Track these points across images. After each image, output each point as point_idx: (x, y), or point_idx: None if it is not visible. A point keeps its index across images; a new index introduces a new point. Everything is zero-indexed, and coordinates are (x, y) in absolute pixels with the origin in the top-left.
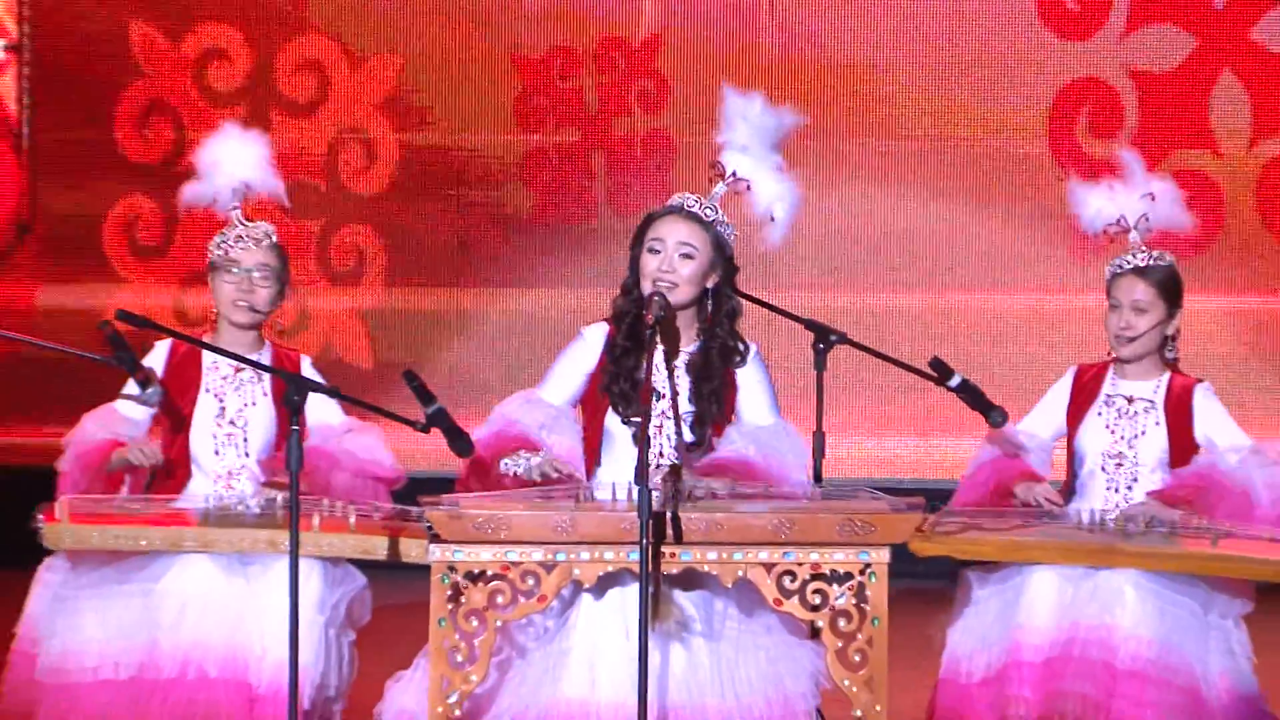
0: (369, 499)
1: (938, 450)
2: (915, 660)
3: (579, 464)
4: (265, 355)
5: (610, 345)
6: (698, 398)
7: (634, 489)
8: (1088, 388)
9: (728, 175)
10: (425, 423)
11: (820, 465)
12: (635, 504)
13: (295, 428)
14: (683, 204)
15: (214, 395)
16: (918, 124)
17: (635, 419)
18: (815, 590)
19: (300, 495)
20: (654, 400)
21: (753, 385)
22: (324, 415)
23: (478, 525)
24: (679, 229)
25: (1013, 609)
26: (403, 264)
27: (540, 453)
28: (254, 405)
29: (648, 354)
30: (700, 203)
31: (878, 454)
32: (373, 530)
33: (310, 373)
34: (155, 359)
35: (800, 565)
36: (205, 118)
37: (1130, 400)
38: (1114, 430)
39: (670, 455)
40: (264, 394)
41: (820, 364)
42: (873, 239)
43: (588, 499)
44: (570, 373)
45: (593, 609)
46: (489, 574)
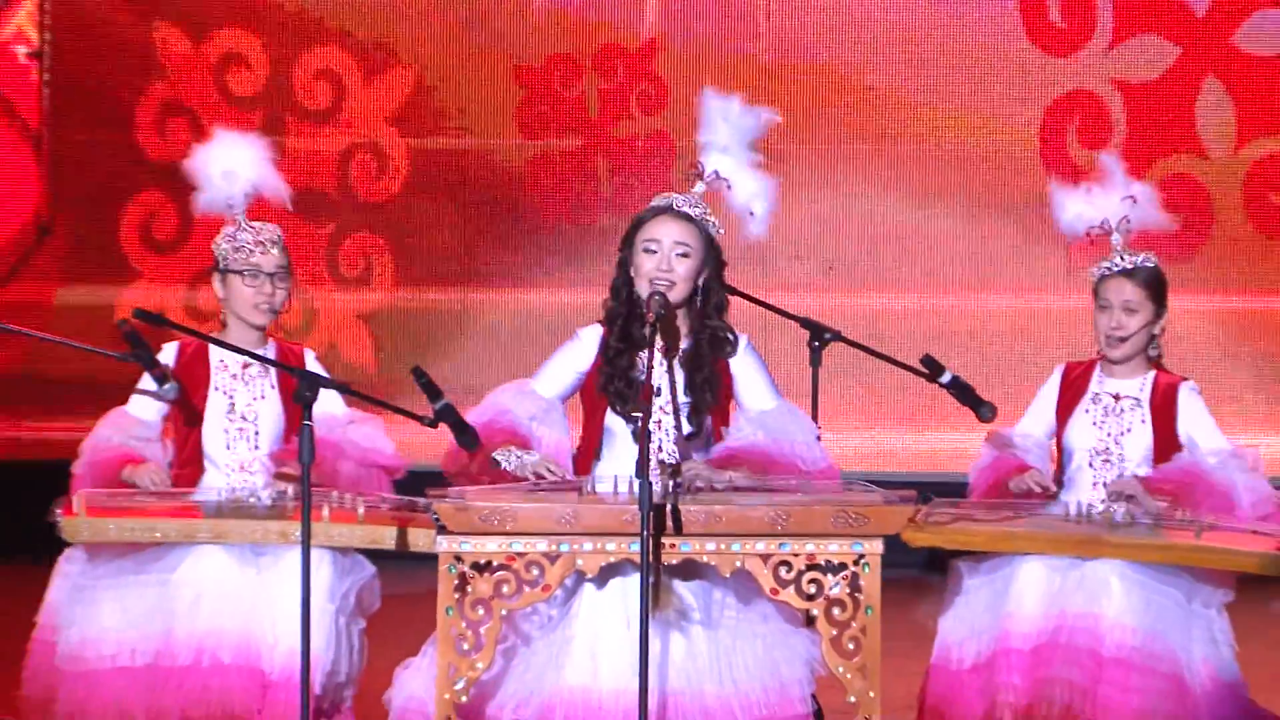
0: (373, 486)
1: (929, 444)
2: (908, 648)
3: (566, 459)
4: (270, 350)
5: (605, 347)
6: (691, 388)
7: (635, 482)
8: (1075, 385)
9: (708, 174)
10: (433, 418)
11: None
12: (636, 497)
13: (307, 423)
14: (672, 204)
15: (223, 392)
16: (911, 132)
17: (636, 414)
18: (810, 580)
19: (310, 486)
20: (653, 396)
21: (749, 373)
22: (328, 407)
23: (484, 517)
24: (674, 229)
25: (1002, 598)
26: (409, 270)
27: (532, 452)
28: (263, 399)
29: (648, 352)
30: (689, 201)
31: (871, 448)
32: (381, 521)
33: (314, 366)
34: (164, 359)
35: (796, 556)
36: (223, 120)
37: (1117, 398)
38: (1101, 427)
39: (670, 450)
40: (271, 387)
41: (816, 361)
42: (867, 241)
43: (590, 492)
44: (564, 369)
45: (595, 598)
46: (495, 564)
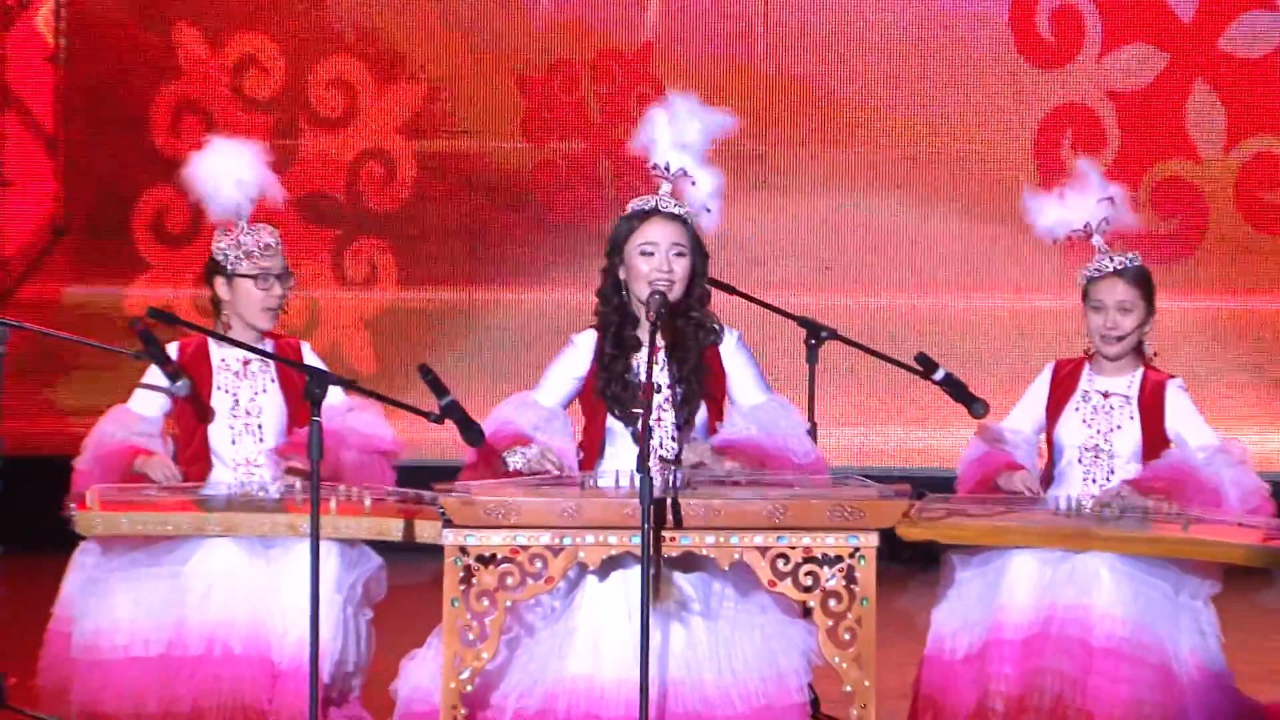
0: (374, 471)
1: (923, 440)
2: (899, 638)
3: (572, 463)
4: (268, 346)
5: (599, 353)
6: (680, 379)
7: (635, 477)
8: (1065, 382)
9: (674, 171)
10: (439, 414)
11: None
12: (637, 491)
13: (316, 419)
14: (658, 205)
15: (225, 391)
16: (906, 138)
17: (637, 409)
18: (807, 572)
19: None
20: (654, 393)
21: (739, 368)
22: (328, 397)
23: (488, 511)
24: (668, 230)
25: (994, 590)
26: (413, 276)
27: (534, 446)
28: (264, 393)
29: (648, 350)
30: (671, 202)
31: (866, 444)
32: (387, 513)
33: (312, 358)
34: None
35: (793, 549)
36: (237, 122)
37: (1106, 395)
38: (1090, 424)
39: (670, 446)
40: (272, 381)
41: (812, 359)
42: (862, 243)
43: (592, 486)
44: (562, 377)
45: (597, 590)
46: (499, 557)
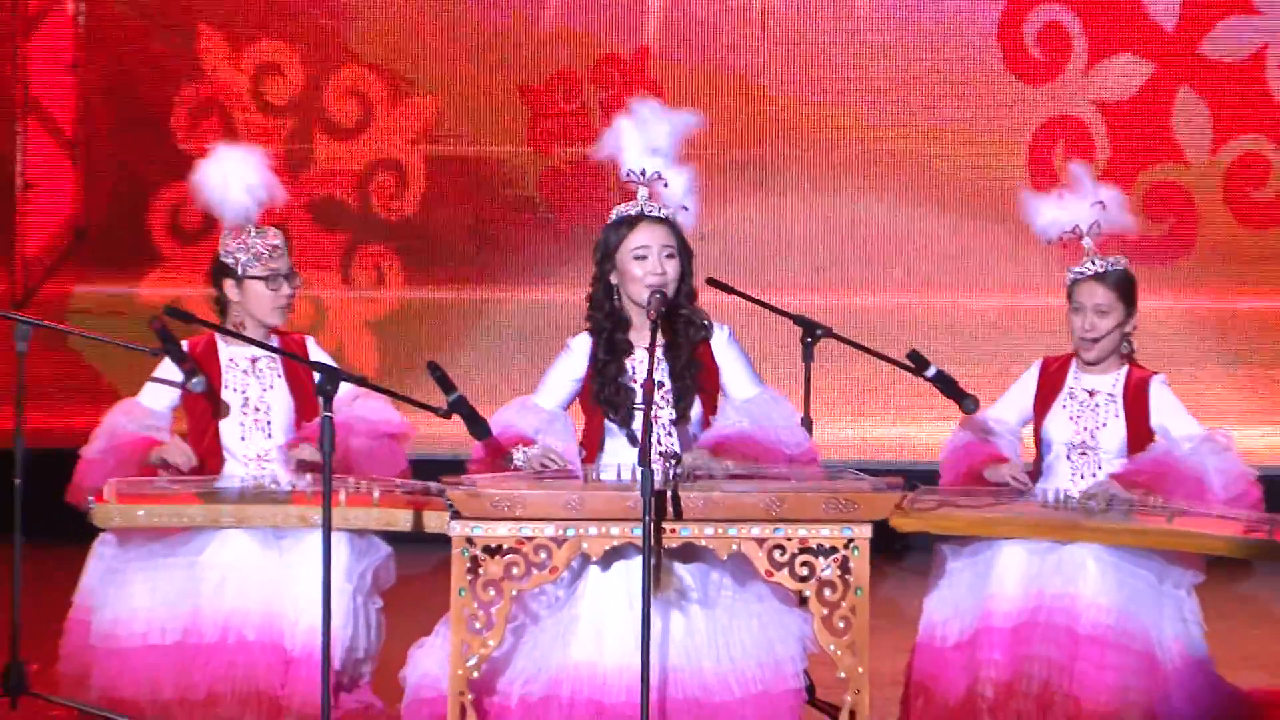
0: (385, 455)
1: (915, 434)
2: (893, 626)
3: (575, 460)
4: (274, 342)
5: (593, 357)
6: (673, 375)
7: (637, 470)
8: (1053, 379)
9: (649, 176)
10: (447, 409)
11: None
12: (638, 484)
13: (328, 414)
14: (643, 211)
15: (234, 389)
16: (900, 147)
17: (636, 408)
18: (803, 562)
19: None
20: (650, 389)
21: (731, 362)
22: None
23: (495, 503)
24: (658, 233)
25: (984, 580)
26: (418, 282)
27: (536, 446)
28: (272, 389)
29: (650, 348)
30: (654, 206)
31: (860, 438)
32: (396, 504)
33: (317, 351)
34: None
35: (789, 540)
36: (254, 124)
37: (1091, 393)
38: (1077, 421)
39: (667, 441)
40: (279, 377)
41: (808, 356)
42: (857, 244)
43: (595, 480)
44: (560, 380)
45: (599, 580)
46: (505, 548)
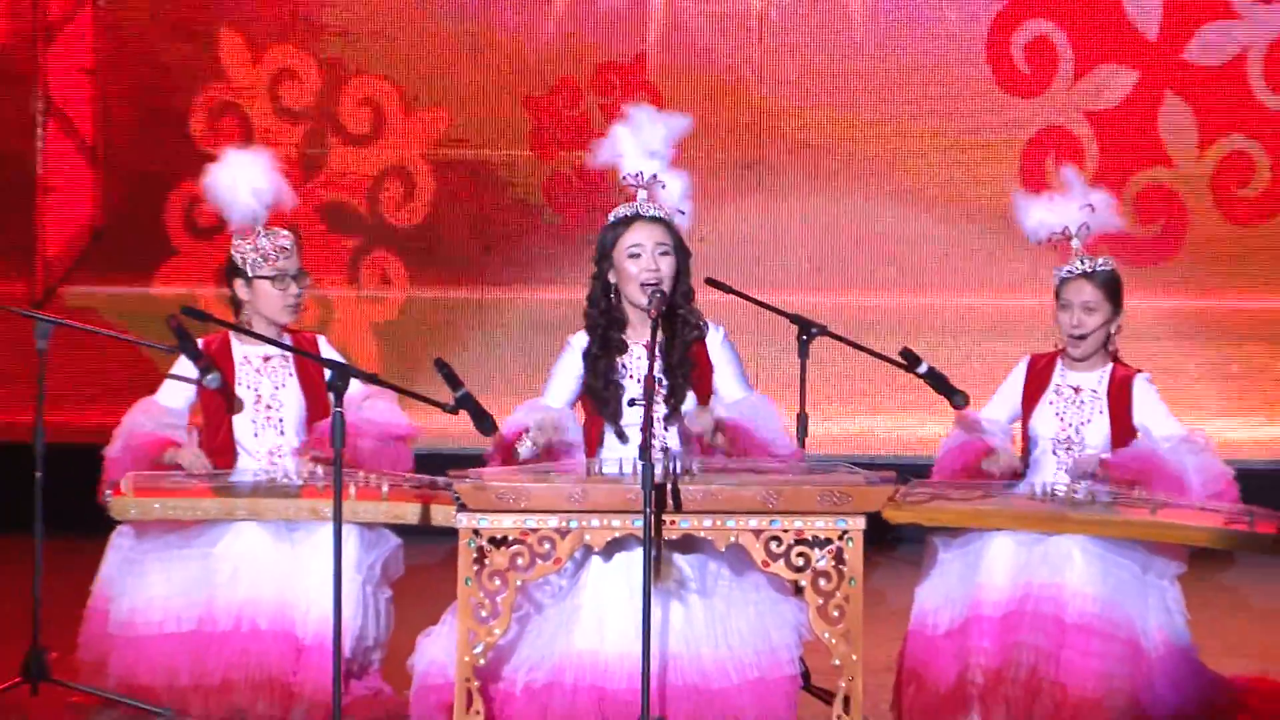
0: (392, 456)
1: (908, 429)
2: (887, 615)
3: (579, 454)
4: (286, 340)
5: (585, 353)
6: (667, 371)
7: (638, 464)
8: (1040, 376)
9: (646, 178)
10: (454, 405)
11: (804, 443)
12: (639, 477)
13: (339, 409)
14: (639, 211)
15: (248, 386)
16: (894, 154)
17: (637, 402)
18: (799, 553)
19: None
20: (650, 385)
21: (723, 363)
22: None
23: (500, 496)
24: (653, 232)
25: (974, 570)
26: (424, 288)
27: (532, 429)
28: (284, 387)
29: (651, 346)
30: (651, 206)
31: (854, 433)
32: (404, 498)
33: (329, 350)
34: None
35: (785, 531)
36: (271, 127)
37: (1077, 390)
38: (1063, 417)
39: (660, 435)
40: (290, 375)
41: (804, 353)
42: (851, 245)
43: (597, 473)
44: (563, 378)
45: (602, 570)
46: (510, 539)
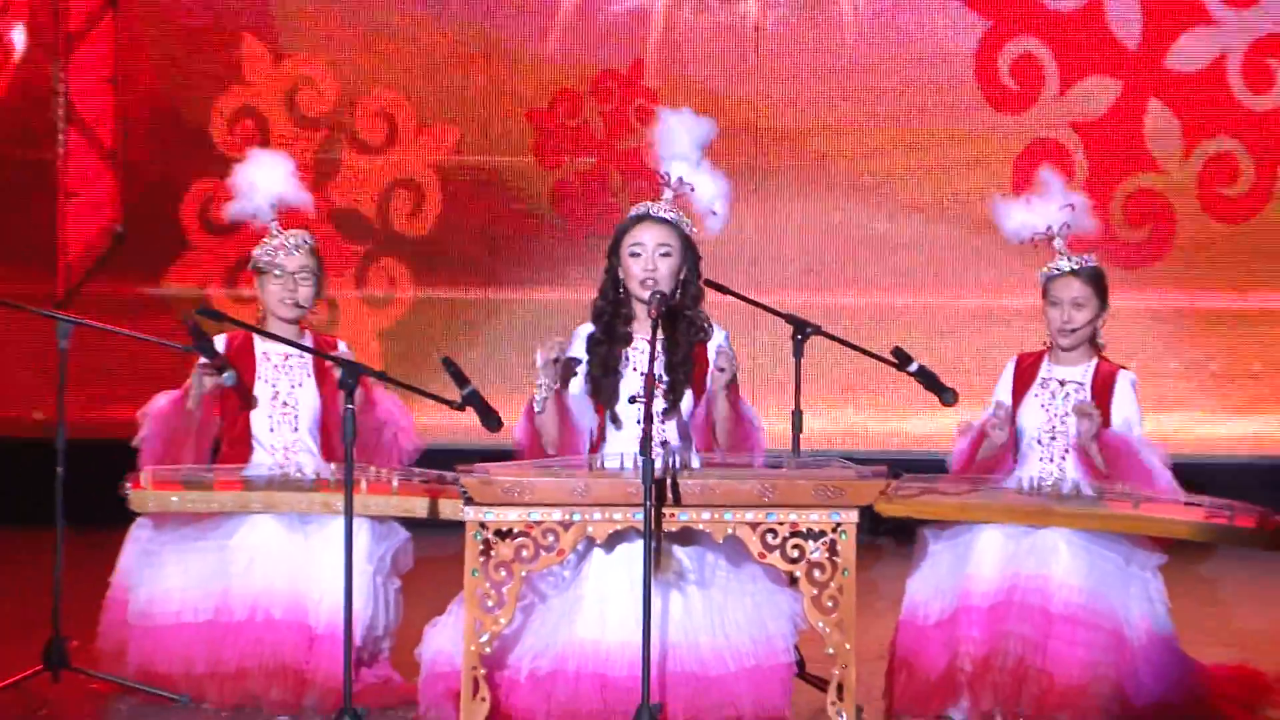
0: (395, 455)
1: (899, 425)
2: (883, 605)
3: (583, 445)
4: (307, 341)
5: (588, 339)
6: (669, 368)
7: (639, 459)
8: (1027, 373)
9: (674, 181)
10: (460, 402)
11: (798, 438)
12: (640, 472)
13: (350, 406)
14: (649, 211)
15: (267, 382)
16: (888, 160)
17: (638, 399)
18: (794, 545)
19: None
20: (650, 383)
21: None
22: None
23: (505, 490)
24: (655, 232)
25: (963, 561)
26: (429, 293)
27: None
28: (301, 386)
29: (651, 344)
30: (663, 207)
31: (847, 429)
32: (414, 492)
33: (347, 354)
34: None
35: (781, 524)
36: (288, 132)
37: (1062, 384)
38: (1048, 410)
39: (659, 429)
40: (308, 375)
41: (798, 352)
42: (845, 247)
43: (599, 468)
44: (571, 367)
45: (603, 561)
46: (515, 531)
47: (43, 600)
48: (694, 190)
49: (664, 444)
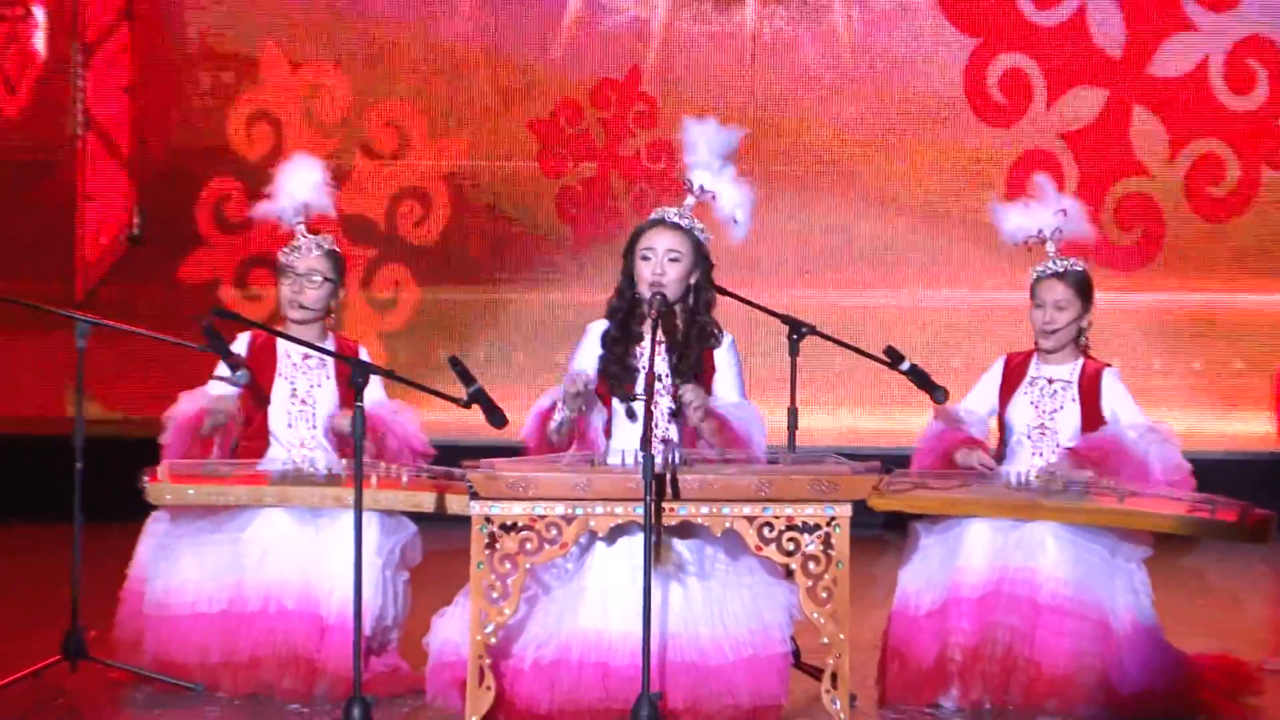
0: (407, 461)
1: (892, 423)
2: (878, 596)
3: (599, 438)
4: (329, 343)
5: (604, 336)
6: (677, 372)
7: (640, 455)
8: (1016, 372)
9: (695, 189)
10: (467, 399)
11: (794, 435)
12: (641, 468)
13: (359, 403)
14: (664, 216)
15: (286, 379)
16: (880, 164)
17: (632, 397)
18: (790, 538)
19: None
20: (651, 382)
21: (725, 368)
22: (375, 394)
23: (510, 485)
24: (666, 238)
25: (953, 554)
26: (432, 297)
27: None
28: (320, 386)
29: (650, 343)
30: (679, 213)
31: (841, 426)
32: (422, 487)
33: (367, 359)
34: (238, 348)
35: (777, 518)
36: (302, 136)
37: (1050, 381)
38: (1037, 406)
39: (665, 427)
40: (328, 377)
41: (794, 351)
42: (840, 249)
43: (601, 464)
44: (584, 357)
45: (605, 554)
46: (519, 525)
47: (61, 592)
48: (715, 198)
49: (665, 441)
